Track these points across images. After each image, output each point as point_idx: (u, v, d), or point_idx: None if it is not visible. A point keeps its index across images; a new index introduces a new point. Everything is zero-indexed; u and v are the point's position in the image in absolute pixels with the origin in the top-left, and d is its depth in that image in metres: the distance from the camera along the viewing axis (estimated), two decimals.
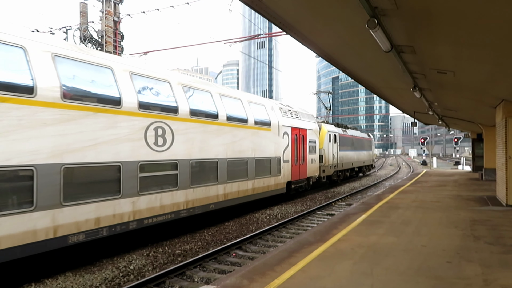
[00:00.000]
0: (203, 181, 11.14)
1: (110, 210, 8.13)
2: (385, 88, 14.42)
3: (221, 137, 12.11)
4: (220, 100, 12.46)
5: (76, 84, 7.77)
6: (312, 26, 7.16)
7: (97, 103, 8.00)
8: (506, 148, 11.42)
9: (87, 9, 17.64)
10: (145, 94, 9.43)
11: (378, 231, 8.14)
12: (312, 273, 5.45)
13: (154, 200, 9.32)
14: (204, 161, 11.27)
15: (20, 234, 6.49)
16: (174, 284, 7.09)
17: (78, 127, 7.55)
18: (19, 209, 6.49)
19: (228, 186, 12.38)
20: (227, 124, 12.46)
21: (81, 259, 8.37)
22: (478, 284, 4.98)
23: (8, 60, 6.73)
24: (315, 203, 17.18)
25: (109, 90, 8.46)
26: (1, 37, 6.62)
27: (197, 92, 11.49)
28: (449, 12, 5.14)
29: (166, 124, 9.80)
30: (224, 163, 12.15)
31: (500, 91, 10.44)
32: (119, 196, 8.35)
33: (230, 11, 19.07)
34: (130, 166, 8.62)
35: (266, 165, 14.91)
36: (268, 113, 15.51)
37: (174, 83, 10.58)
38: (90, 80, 8.18)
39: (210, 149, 11.54)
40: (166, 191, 9.73)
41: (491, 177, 19.83)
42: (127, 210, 8.53)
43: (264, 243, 10.22)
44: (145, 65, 10.14)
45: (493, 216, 9.86)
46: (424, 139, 42.51)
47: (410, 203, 12.20)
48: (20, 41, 6.93)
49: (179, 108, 10.30)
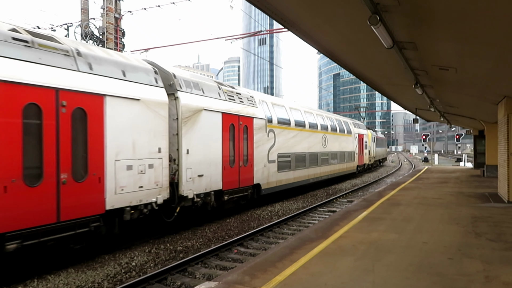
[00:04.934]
0: (314, 165, 20.09)
1: (305, 172, 18.83)
2: (387, 85, 14.39)
3: (338, 139, 24.51)
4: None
5: (291, 118, 17.65)
6: (313, 23, 7.14)
7: (301, 126, 18.43)
8: (508, 145, 11.40)
9: (88, 5, 17.62)
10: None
11: (380, 228, 8.15)
12: (313, 270, 5.46)
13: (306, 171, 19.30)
14: (315, 153, 20.21)
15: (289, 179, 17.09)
16: (176, 281, 7.11)
17: (301, 139, 18.24)
18: (294, 169, 17.48)
19: (329, 167, 22.39)
20: (338, 134, 24.30)
21: (83, 255, 8.41)
22: (480, 280, 4.98)
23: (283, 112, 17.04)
24: (316, 199, 17.20)
25: (300, 119, 18.75)
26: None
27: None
28: (451, 8, 5.11)
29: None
30: (323, 154, 21.46)
31: (503, 88, 10.41)
32: (306, 167, 18.91)
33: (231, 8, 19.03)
34: (302, 155, 18.61)
35: (347, 156, 26.08)
36: (350, 126, 27.57)
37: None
38: (291, 114, 17.81)
39: (331, 146, 22.89)
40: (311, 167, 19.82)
41: (492, 174, 19.79)
42: (308, 174, 19.15)
43: (266, 239, 10.24)
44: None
45: (494, 213, 9.85)
46: (425, 135, 42.44)
47: (412, 200, 12.20)
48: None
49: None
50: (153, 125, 9.32)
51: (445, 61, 8.33)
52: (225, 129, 12.19)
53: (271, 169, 15.27)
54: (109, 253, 8.72)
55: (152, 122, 9.27)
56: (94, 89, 7.87)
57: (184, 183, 10.31)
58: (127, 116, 8.60)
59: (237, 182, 12.85)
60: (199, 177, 10.91)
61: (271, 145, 15.38)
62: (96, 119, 7.92)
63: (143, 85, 9.22)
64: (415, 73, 9.82)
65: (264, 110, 15.00)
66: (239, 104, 13.18)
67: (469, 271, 5.33)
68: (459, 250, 6.39)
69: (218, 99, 12.06)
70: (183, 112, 10.37)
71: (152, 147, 9.25)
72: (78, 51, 7.94)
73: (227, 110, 12.33)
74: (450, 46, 7.08)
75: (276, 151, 15.74)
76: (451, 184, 17.35)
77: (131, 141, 8.69)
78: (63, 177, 7.17)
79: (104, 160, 8.01)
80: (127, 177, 8.50)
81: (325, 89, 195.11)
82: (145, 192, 8.97)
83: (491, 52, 6.89)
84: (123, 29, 17.71)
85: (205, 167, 11.16)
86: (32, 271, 7.42)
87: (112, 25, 17.08)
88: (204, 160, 11.13)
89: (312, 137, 19.56)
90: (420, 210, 10.35)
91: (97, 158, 7.87)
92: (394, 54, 7.43)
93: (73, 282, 6.93)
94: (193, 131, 10.69)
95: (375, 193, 14.70)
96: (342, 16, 6.50)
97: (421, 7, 5.30)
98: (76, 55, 7.83)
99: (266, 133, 14.93)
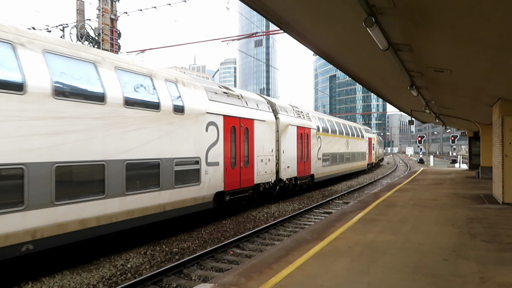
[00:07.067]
0: (341, 162, 25.84)
1: (336, 167, 24.37)
2: (382, 86, 14.44)
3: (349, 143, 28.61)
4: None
5: (329, 127, 23.59)
6: (309, 25, 7.15)
7: (334, 133, 23.65)
8: (502, 146, 11.47)
9: (84, 6, 17.55)
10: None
11: (375, 229, 8.16)
12: (309, 271, 5.46)
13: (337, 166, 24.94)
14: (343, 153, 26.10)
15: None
16: (171, 282, 7.08)
17: (334, 142, 24.02)
18: (330, 165, 23.32)
19: (350, 164, 28.26)
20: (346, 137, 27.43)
21: (79, 257, 8.36)
22: (475, 281, 5.00)
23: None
24: (312, 201, 17.21)
25: (333, 127, 24.48)
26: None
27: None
28: (446, 10, 5.14)
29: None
30: (347, 154, 27.34)
31: (497, 90, 10.48)
32: (337, 164, 24.76)
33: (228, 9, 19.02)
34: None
35: (361, 156, 31.70)
36: (362, 132, 32.90)
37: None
38: (328, 124, 23.82)
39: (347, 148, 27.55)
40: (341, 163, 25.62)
41: (487, 175, 19.90)
42: (338, 169, 24.67)
43: (262, 241, 10.23)
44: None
45: (489, 214, 9.91)
46: (421, 137, 42.60)
47: (407, 201, 12.24)
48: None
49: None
50: (270, 135, 15.44)
51: (440, 63, 8.38)
52: (298, 136, 18.23)
53: (318, 164, 21.18)
54: (105, 255, 8.67)
55: (269, 133, 15.41)
56: (250, 116, 13.90)
57: (282, 171, 16.40)
58: (260, 131, 14.63)
59: (303, 172, 18.78)
60: (288, 168, 16.96)
61: (319, 147, 21.33)
62: (251, 133, 13.96)
63: (265, 111, 15.34)
64: (410, 75, 9.87)
65: (314, 122, 20.92)
66: (303, 119, 19.15)
67: (464, 272, 5.35)
68: (454, 251, 6.41)
69: (293, 116, 18.09)
70: (281, 126, 16.45)
71: (269, 149, 15.35)
72: (241, 95, 14.05)
73: (298, 124, 18.33)
74: (445, 48, 7.12)
75: (321, 151, 21.65)
76: (446, 185, 17.43)
77: (262, 145, 14.73)
78: (242, 165, 13.31)
79: (254, 155, 14.13)
80: (261, 166, 14.65)
81: (321, 90, 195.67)
82: (267, 175, 15.19)
83: (485, 54, 6.94)
84: (119, 30, 17.66)
85: (290, 161, 17.14)
86: (27, 274, 7.36)
87: (108, 26, 17.02)
88: (289, 157, 17.12)
89: (340, 141, 25.74)
90: (415, 211, 10.38)
91: (251, 154, 13.98)
92: (390, 56, 7.46)
93: (68, 284, 6.88)
94: (284, 138, 16.70)
95: (371, 194, 14.73)
96: (338, 18, 6.52)
97: (417, 9, 5.32)
98: (241, 97, 13.87)
99: (316, 139, 20.94)
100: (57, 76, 7.25)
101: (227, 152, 12.26)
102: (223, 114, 12.13)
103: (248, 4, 5.91)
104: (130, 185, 8.55)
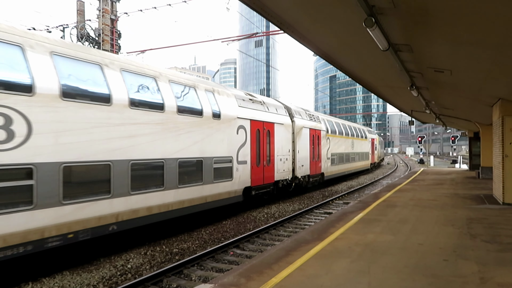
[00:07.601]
0: (347, 162, 27.45)
1: (343, 167, 26.01)
2: (383, 87, 14.44)
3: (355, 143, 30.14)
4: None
5: (336, 129, 25.60)
6: (310, 25, 7.16)
7: (341, 134, 25.69)
8: (502, 146, 11.46)
9: (84, 7, 17.57)
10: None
11: (375, 230, 8.16)
12: (309, 272, 5.46)
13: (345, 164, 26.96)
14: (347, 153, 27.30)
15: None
16: (171, 283, 7.09)
17: (341, 143, 25.63)
18: (337, 164, 24.75)
19: (355, 164, 29.60)
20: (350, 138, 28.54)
21: (79, 257, 8.36)
22: (475, 282, 5.00)
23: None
24: (312, 201, 17.20)
25: (340, 129, 26.41)
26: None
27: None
28: (446, 10, 5.14)
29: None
30: (353, 154, 28.92)
31: (497, 90, 10.47)
32: (343, 163, 26.43)
33: (228, 10, 19.03)
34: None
35: (364, 156, 33.22)
36: (366, 133, 34.49)
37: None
38: (335, 126, 25.28)
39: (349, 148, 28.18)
40: (349, 162, 27.51)
41: (488, 176, 19.90)
42: (344, 168, 26.40)
43: (262, 241, 10.23)
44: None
45: (489, 215, 9.90)
46: (421, 137, 42.59)
47: (407, 202, 12.24)
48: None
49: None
50: (287, 137, 16.87)
51: (440, 63, 8.38)
52: (310, 138, 19.66)
53: (328, 163, 22.75)
54: (105, 255, 8.67)
55: (286, 135, 16.84)
56: (271, 120, 15.40)
57: (297, 169, 17.90)
58: (279, 133, 16.11)
59: (315, 170, 20.36)
60: (302, 166, 18.42)
61: (328, 147, 22.91)
62: (272, 135, 15.43)
63: (283, 115, 16.75)
64: (410, 75, 9.86)
65: (324, 124, 22.41)
66: (314, 122, 20.68)
67: (464, 273, 5.35)
68: (454, 252, 6.41)
69: (306, 119, 19.52)
70: (296, 129, 17.90)
71: (286, 149, 16.83)
72: (263, 101, 15.60)
73: (310, 126, 19.77)
74: (445, 48, 7.12)
75: (330, 151, 23.19)
76: (447, 185, 17.42)
77: (281, 146, 16.22)
78: (265, 163, 14.70)
79: (274, 155, 15.54)
80: (280, 164, 16.06)
81: (321, 91, 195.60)
82: (285, 173, 16.62)
83: (485, 54, 6.93)
84: (119, 31, 17.67)
85: (303, 161, 18.62)
86: (27, 274, 7.36)
87: (108, 26, 17.03)
88: (303, 156, 18.60)
89: (347, 142, 27.14)
90: (415, 211, 10.38)
91: (272, 154, 15.38)
92: (390, 56, 7.46)
93: (68, 284, 6.88)
94: (299, 140, 18.15)
95: (371, 194, 14.73)
96: (338, 19, 6.52)
97: (417, 9, 5.32)
98: (263, 103, 15.37)
99: (326, 140, 22.47)
100: (132, 92, 8.88)
101: (253, 152, 13.90)
102: (250, 119, 13.80)
103: (248, 4, 5.91)
104: (182, 179, 10.13)
